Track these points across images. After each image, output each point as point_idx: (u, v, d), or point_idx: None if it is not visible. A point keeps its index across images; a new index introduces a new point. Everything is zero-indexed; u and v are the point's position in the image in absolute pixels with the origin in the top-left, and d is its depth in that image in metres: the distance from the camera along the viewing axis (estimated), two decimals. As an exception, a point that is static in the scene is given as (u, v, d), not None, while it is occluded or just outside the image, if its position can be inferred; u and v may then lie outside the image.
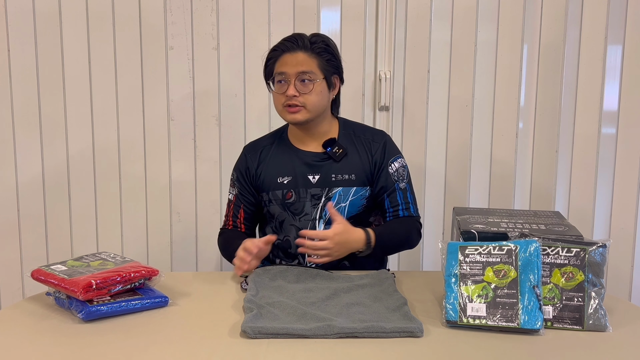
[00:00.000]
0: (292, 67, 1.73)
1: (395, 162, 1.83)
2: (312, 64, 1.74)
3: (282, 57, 1.75)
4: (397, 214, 1.81)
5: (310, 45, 1.75)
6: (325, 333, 1.27)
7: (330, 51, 1.79)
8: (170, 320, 1.38)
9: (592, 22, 2.32)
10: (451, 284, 1.37)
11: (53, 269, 1.46)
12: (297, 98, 1.73)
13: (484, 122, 2.40)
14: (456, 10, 2.34)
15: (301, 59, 1.74)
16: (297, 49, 1.74)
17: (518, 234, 1.45)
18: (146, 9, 2.32)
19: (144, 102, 2.38)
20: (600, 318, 1.33)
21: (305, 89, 1.74)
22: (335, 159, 1.79)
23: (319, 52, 1.76)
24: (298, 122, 1.77)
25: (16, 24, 2.31)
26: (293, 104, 1.74)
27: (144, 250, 2.46)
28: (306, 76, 1.74)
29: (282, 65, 1.75)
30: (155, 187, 2.43)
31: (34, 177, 2.40)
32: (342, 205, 1.78)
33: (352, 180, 1.79)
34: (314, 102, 1.75)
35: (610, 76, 2.35)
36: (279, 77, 1.76)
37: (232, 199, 1.88)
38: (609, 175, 2.40)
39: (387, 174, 1.81)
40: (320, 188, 1.78)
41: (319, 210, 1.78)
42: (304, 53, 1.74)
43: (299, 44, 1.75)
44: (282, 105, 1.76)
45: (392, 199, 1.81)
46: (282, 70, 1.75)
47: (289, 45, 1.75)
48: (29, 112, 2.36)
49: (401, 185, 1.82)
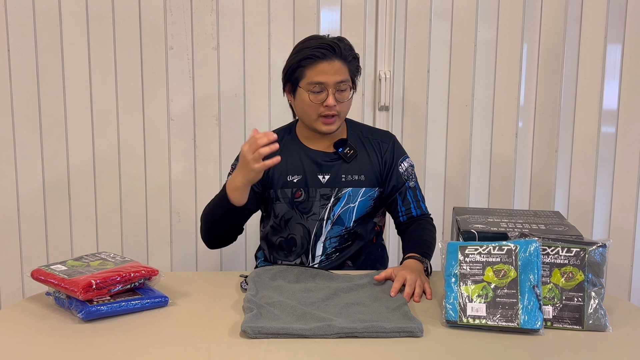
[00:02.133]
0: (331, 77, 1.68)
1: (404, 162, 1.83)
2: (346, 72, 1.72)
3: (318, 66, 1.68)
4: (409, 213, 1.81)
5: (344, 52, 1.71)
6: (325, 333, 1.27)
7: (357, 57, 1.77)
8: (170, 320, 1.38)
9: (592, 22, 2.32)
10: (451, 283, 1.37)
11: (53, 269, 1.46)
12: (334, 108, 1.70)
13: (484, 122, 2.40)
14: (456, 10, 2.34)
15: (338, 68, 1.69)
16: (334, 57, 1.69)
17: (518, 234, 1.45)
18: (146, 8, 2.32)
19: (144, 102, 2.38)
20: (600, 318, 1.33)
21: (342, 97, 1.71)
22: (346, 160, 1.79)
23: (350, 60, 1.73)
24: (332, 132, 1.75)
25: (16, 24, 2.31)
26: (331, 114, 1.71)
27: (144, 250, 2.46)
28: (343, 85, 1.71)
29: (319, 74, 1.68)
30: (155, 187, 2.43)
31: (34, 176, 2.39)
32: (350, 206, 1.78)
33: (361, 180, 1.78)
34: (346, 110, 1.75)
35: (610, 75, 2.35)
36: (316, 88, 1.69)
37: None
38: (608, 174, 2.40)
39: (397, 173, 1.81)
40: (330, 188, 1.78)
41: (327, 211, 1.78)
42: (340, 61, 1.70)
43: (336, 52, 1.69)
44: (318, 115, 1.72)
45: (404, 198, 1.81)
46: (320, 80, 1.68)
47: (325, 53, 1.68)
48: (29, 111, 2.36)
49: (411, 184, 1.82)
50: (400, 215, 1.82)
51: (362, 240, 1.81)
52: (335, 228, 1.78)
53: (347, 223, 1.78)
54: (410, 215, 1.81)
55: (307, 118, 1.75)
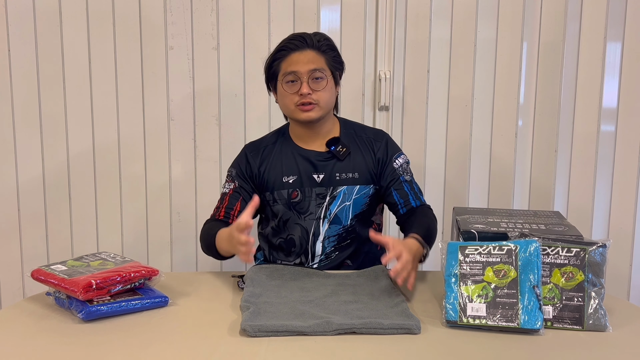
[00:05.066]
0: (304, 65, 1.72)
1: (399, 158, 1.84)
2: (321, 61, 1.74)
3: (290, 57, 1.74)
4: (409, 205, 1.80)
5: (317, 43, 1.75)
6: (324, 330, 1.28)
7: (335, 48, 1.80)
8: (170, 320, 1.38)
9: (592, 20, 2.32)
10: (451, 283, 1.37)
11: (53, 269, 1.46)
12: (310, 96, 1.72)
13: (484, 121, 2.40)
14: (456, 9, 2.34)
15: (311, 57, 1.73)
16: (305, 47, 1.74)
17: (518, 234, 1.45)
18: (146, 8, 2.32)
19: (144, 101, 2.38)
20: (600, 318, 1.33)
21: (318, 86, 1.73)
22: (339, 158, 1.79)
23: (325, 50, 1.76)
24: (312, 119, 1.75)
25: (16, 24, 2.31)
26: (307, 102, 1.73)
27: (144, 250, 2.46)
28: (318, 73, 1.73)
29: (291, 64, 1.73)
30: (155, 187, 2.43)
31: (35, 176, 2.40)
32: (346, 204, 1.78)
33: (355, 178, 1.79)
34: (326, 98, 1.75)
35: (610, 74, 2.35)
36: (289, 77, 1.73)
37: (228, 192, 1.83)
38: (608, 173, 2.40)
39: (392, 168, 1.81)
40: (325, 187, 1.78)
41: (324, 210, 1.78)
42: (313, 51, 1.74)
43: (307, 43, 1.74)
44: (295, 105, 1.74)
45: (400, 191, 1.81)
46: (293, 70, 1.73)
47: (297, 44, 1.74)
48: (30, 111, 2.36)
49: (407, 177, 1.83)
50: (399, 208, 1.81)
51: (361, 239, 1.81)
52: (333, 227, 1.78)
53: (344, 221, 1.78)
54: (410, 207, 1.81)
55: (287, 109, 1.78)
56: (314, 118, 1.75)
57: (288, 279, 1.59)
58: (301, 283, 1.56)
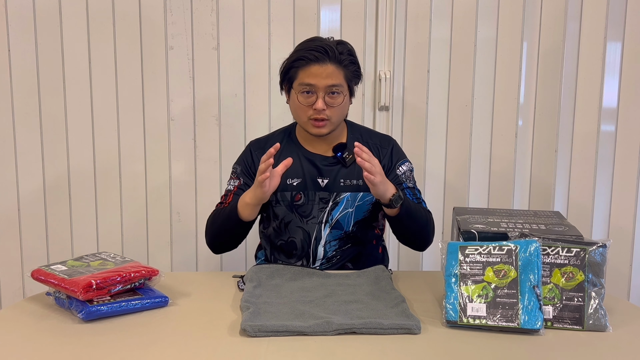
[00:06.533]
0: (322, 80, 1.67)
1: (403, 165, 1.82)
2: (340, 76, 1.69)
3: (310, 68, 1.68)
4: None
5: (339, 56, 1.69)
6: (324, 330, 1.28)
7: (356, 62, 1.74)
8: (170, 320, 1.38)
9: (592, 20, 2.32)
10: (451, 283, 1.37)
11: (53, 269, 1.46)
12: (324, 112, 1.69)
13: (484, 122, 2.40)
14: (456, 9, 2.34)
15: (330, 72, 1.68)
16: (326, 61, 1.67)
17: (518, 234, 1.45)
18: (146, 8, 2.32)
19: (144, 102, 2.38)
20: (600, 318, 1.33)
21: (333, 102, 1.70)
22: (345, 164, 1.78)
23: (346, 65, 1.71)
24: (322, 135, 1.74)
25: (16, 24, 2.31)
26: (320, 118, 1.70)
27: (144, 250, 2.46)
28: (335, 89, 1.69)
29: (309, 76, 1.68)
30: (155, 187, 2.43)
31: (35, 177, 2.40)
32: (349, 211, 1.78)
33: (359, 185, 1.77)
34: (338, 115, 1.73)
35: (610, 74, 2.35)
36: (305, 88, 1.69)
37: (232, 189, 1.81)
38: (608, 173, 2.40)
39: (395, 175, 1.79)
40: (329, 192, 1.77)
41: (326, 214, 1.77)
42: (333, 65, 1.68)
43: (329, 56, 1.67)
44: (308, 118, 1.71)
45: None
46: (310, 82, 1.68)
47: (318, 55, 1.67)
48: (30, 111, 2.36)
49: (409, 184, 1.81)
50: None
51: (362, 243, 1.81)
52: (334, 232, 1.78)
53: (345, 227, 1.78)
54: None
55: (299, 119, 1.77)
56: (325, 134, 1.74)
57: (288, 279, 1.59)
58: (301, 283, 1.56)
